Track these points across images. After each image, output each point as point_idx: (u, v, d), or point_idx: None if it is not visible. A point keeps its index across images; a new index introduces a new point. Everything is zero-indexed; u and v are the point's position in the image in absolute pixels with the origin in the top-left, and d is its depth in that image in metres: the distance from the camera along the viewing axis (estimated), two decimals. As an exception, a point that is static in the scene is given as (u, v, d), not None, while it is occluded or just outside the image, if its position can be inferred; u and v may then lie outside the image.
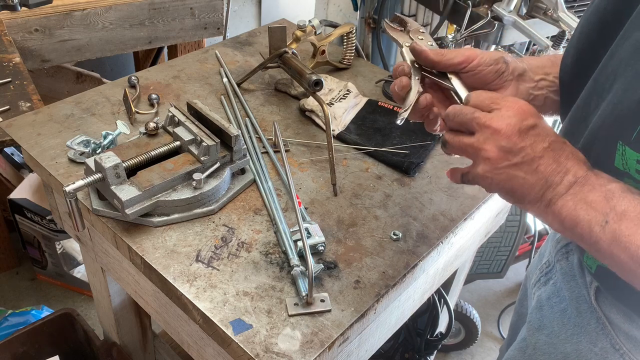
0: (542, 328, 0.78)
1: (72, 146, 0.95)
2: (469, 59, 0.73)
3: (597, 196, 0.57)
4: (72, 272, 1.92)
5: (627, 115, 0.57)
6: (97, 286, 1.20)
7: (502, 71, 0.74)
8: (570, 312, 0.73)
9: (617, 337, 0.67)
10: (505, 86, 0.75)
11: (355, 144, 1.03)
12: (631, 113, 0.57)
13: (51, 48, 1.67)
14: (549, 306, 0.78)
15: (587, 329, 0.70)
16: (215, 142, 0.85)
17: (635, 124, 0.56)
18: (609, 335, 0.67)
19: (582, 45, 0.71)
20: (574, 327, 0.73)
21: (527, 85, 0.77)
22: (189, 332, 0.85)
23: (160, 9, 1.80)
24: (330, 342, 0.70)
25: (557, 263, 0.79)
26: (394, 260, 0.82)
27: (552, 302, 0.77)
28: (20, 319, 1.65)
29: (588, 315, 0.70)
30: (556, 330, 0.76)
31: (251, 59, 1.26)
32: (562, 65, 0.76)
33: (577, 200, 0.58)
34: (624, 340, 0.66)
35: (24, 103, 1.27)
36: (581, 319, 0.71)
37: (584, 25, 0.72)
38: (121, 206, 0.78)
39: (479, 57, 0.73)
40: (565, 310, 0.74)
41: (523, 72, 0.76)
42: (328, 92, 1.13)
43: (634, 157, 0.57)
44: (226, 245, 0.82)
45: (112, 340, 1.34)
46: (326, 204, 0.91)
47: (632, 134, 0.57)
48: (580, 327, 0.71)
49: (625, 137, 0.58)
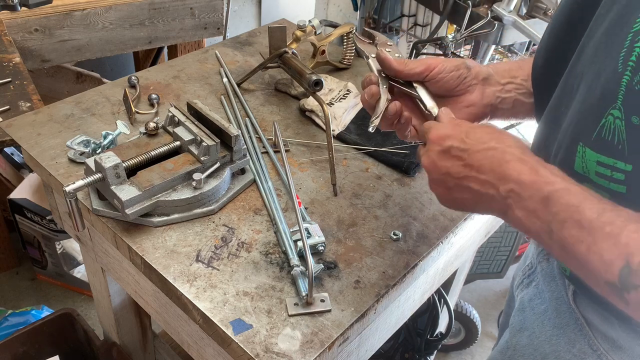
0: (524, 330, 0.79)
1: (72, 146, 0.95)
2: (430, 68, 0.76)
3: (536, 204, 0.57)
4: (72, 272, 1.92)
5: (588, 115, 0.57)
6: (97, 286, 1.20)
7: (464, 76, 0.77)
8: (550, 314, 0.73)
9: (594, 338, 0.67)
10: (470, 90, 0.78)
11: (355, 144, 1.03)
12: (592, 112, 0.56)
13: (51, 48, 1.67)
14: (530, 308, 0.78)
15: (566, 330, 0.70)
16: (215, 142, 0.85)
17: (595, 123, 0.56)
18: (587, 336, 0.67)
19: (551, 47, 0.72)
20: (553, 329, 0.73)
21: (493, 89, 0.79)
22: (189, 332, 0.85)
23: (160, 9, 1.80)
24: (330, 342, 0.70)
25: (538, 265, 0.79)
26: (394, 260, 0.82)
27: (534, 303, 0.77)
28: (20, 319, 1.65)
29: (567, 317, 0.70)
30: (536, 331, 0.76)
31: (251, 59, 1.26)
32: (534, 67, 0.77)
33: (521, 209, 0.58)
34: (601, 341, 0.66)
35: (24, 103, 1.27)
36: (560, 320, 0.71)
37: (553, 26, 0.72)
38: (121, 206, 0.78)
39: (440, 65, 0.76)
40: (546, 311, 0.74)
41: (488, 76, 0.79)
42: (328, 92, 1.13)
43: (594, 159, 0.57)
44: (226, 245, 0.82)
45: (112, 340, 1.34)
46: (326, 204, 0.91)
47: (592, 133, 0.56)
48: (560, 328, 0.71)
49: (586, 137, 0.57)
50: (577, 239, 0.53)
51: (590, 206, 0.53)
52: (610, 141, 0.55)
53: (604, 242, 0.51)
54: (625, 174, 0.55)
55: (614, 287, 0.51)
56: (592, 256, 0.52)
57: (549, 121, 0.68)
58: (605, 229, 0.52)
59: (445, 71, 0.76)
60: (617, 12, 0.55)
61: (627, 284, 0.50)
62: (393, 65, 0.77)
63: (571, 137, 0.60)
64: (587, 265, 0.53)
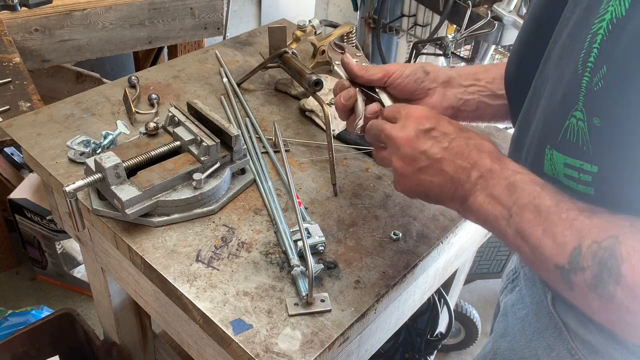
0: (505, 335, 0.79)
1: (72, 146, 0.95)
2: (389, 74, 0.79)
3: (502, 190, 0.59)
4: (72, 272, 1.92)
5: (553, 118, 0.58)
6: (97, 286, 1.20)
7: (422, 80, 0.80)
8: (531, 318, 0.74)
9: (572, 342, 0.67)
10: (430, 93, 0.81)
11: (355, 144, 1.03)
12: (556, 115, 0.57)
13: (51, 48, 1.67)
14: (512, 313, 0.78)
15: (545, 334, 0.71)
16: (215, 142, 0.85)
17: (560, 125, 0.57)
18: (566, 341, 0.68)
19: (522, 53, 0.73)
20: (533, 333, 0.73)
21: (454, 91, 0.81)
22: (189, 332, 0.85)
23: (160, 9, 1.80)
24: (331, 342, 0.70)
25: (521, 269, 0.79)
26: (394, 260, 0.82)
27: (516, 308, 0.78)
28: (20, 319, 1.65)
29: (547, 321, 0.71)
30: (517, 336, 0.76)
31: (251, 59, 1.26)
32: (506, 74, 0.78)
33: (485, 195, 0.60)
34: (579, 345, 0.66)
35: (24, 103, 1.27)
36: (540, 324, 0.72)
37: (523, 33, 0.73)
38: (121, 206, 0.78)
39: (398, 70, 0.79)
40: (527, 316, 0.75)
41: (449, 78, 0.81)
42: (328, 92, 1.13)
43: (561, 161, 0.58)
44: (226, 245, 0.82)
45: (112, 340, 1.34)
46: (326, 204, 0.91)
47: (558, 136, 0.57)
48: (539, 333, 0.72)
49: (552, 140, 0.58)
50: (534, 223, 0.55)
51: (550, 194, 0.56)
52: (575, 143, 0.55)
53: (559, 226, 0.54)
54: (592, 176, 0.55)
55: (563, 270, 0.53)
56: (545, 240, 0.54)
57: (521, 125, 0.69)
58: (562, 214, 0.54)
59: (403, 76, 0.79)
60: (579, 14, 0.55)
61: (576, 265, 0.51)
62: (354, 69, 0.80)
63: (539, 140, 0.62)
64: (540, 249, 0.54)
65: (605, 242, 0.50)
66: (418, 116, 0.67)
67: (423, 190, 0.67)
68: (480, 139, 0.64)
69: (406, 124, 0.67)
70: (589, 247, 0.51)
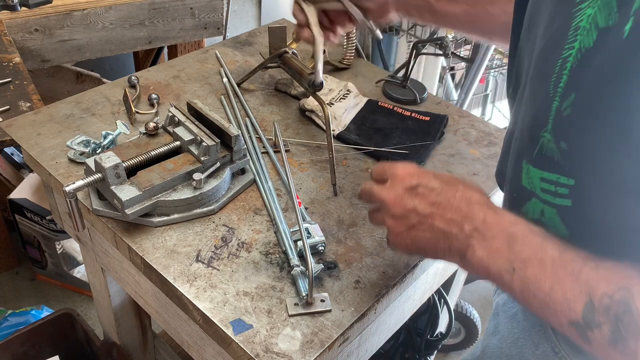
0: (496, 333, 0.80)
1: (72, 146, 0.95)
2: None
3: (501, 243, 0.57)
4: (72, 272, 1.92)
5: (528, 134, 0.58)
6: (97, 286, 1.20)
7: None
8: (519, 317, 0.74)
9: (557, 341, 0.67)
10: None
11: (355, 144, 1.03)
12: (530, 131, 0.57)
13: (51, 48, 1.67)
14: (503, 312, 0.79)
15: (532, 333, 0.71)
16: (215, 142, 0.85)
17: (534, 142, 0.56)
18: (550, 339, 0.68)
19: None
20: (521, 331, 0.73)
21: None
22: (189, 332, 0.85)
23: (160, 9, 1.80)
24: (331, 342, 0.70)
25: None
26: (394, 260, 0.82)
27: (507, 307, 0.78)
28: (20, 319, 1.65)
29: (533, 319, 0.71)
30: (506, 334, 0.77)
31: (251, 59, 1.26)
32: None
33: (483, 249, 0.58)
34: (563, 344, 0.67)
35: (24, 103, 1.27)
36: (527, 323, 0.72)
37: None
38: (121, 206, 0.78)
39: None
40: (516, 314, 0.75)
41: None
42: (328, 92, 1.13)
43: (537, 175, 0.58)
44: (226, 245, 0.82)
45: (112, 340, 1.34)
46: (326, 204, 0.90)
47: (533, 151, 0.57)
48: (526, 331, 0.72)
49: (528, 155, 0.58)
50: (540, 278, 0.53)
51: (552, 245, 0.54)
52: (551, 157, 0.55)
53: (566, 280, 0.52)
54: (569, 188, 0.55)
55: (578, 326, 0.51)
56: (554, 295, 0.52)
57: (506, 138, 0.70)
58: (567, 267, 0.52)
59: None
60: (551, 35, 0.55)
61: (591, 321, 0.50)
62: None
63: (517, 154, 0.61)
64: (550, 305, 0.53)
65: (617, 295, 0.49)
66: (403, 175, 0.66)
67: (418, 247, 0.66)
68: (469, 191, 0.63)
69: (393, 183, 0.67)
70: (601, 301, 0.50)
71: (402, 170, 0.67)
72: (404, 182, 0.66)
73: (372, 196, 0.69)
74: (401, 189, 0.66)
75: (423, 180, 0.65)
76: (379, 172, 0.71)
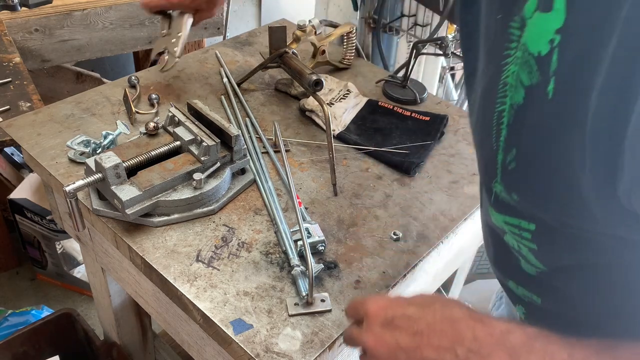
0: None
1: (72, 146, 0.95)
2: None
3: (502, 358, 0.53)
4: (72, 272, 1.92)
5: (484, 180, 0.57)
6: (97, 286, 1.20)
7: None
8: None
9: None
10: None
11: (355, 144, 1.03)
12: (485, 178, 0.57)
13: (51, 48, 1.67)
14: None
15: None
16: (215, 142, 0.85)
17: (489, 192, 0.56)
18: None
19: None
20: None
21: None
22: (189, 332, 0.85)
23: (160, 9, 1.80)
24: (331, 342, 0.70)
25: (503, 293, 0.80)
26: (394, 260, 0.82)
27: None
28: (20, 319, 1.65)
29: None
30: None
31: (251, 59, 1.26)
32: None
33: None
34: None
35: (24, 103, 1.27)
36: None
37: None
38: (121, 206, 0.78)
39: None
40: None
41: None
42: (328, 92, 1.13)
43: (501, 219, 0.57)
44: (226, 245, 0.82)
45: (112, 340, 1.34)
46: (326, 204, 0.91)
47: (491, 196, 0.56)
48: None
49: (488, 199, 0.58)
50: None
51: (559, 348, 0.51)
52: (508, 204, 0.54)
53: None
54: (531, 233, 0.54)
55: None
56: None
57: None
58: None
59: None
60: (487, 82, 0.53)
61: None
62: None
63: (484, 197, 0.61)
64: None
65: None
66: (376, 310, 0.61)
67: None
68: (448, 308, 0.58)
69: (368, 323, 0.61)
70: None
71: (374, 305, 0.62)
72: (378, 318, 0.60)
73: (354, 342, 0.65)
74: (378, 327, 0.60)
75: (397, 310, 0.60)
76: (352, 313, 0.66)
